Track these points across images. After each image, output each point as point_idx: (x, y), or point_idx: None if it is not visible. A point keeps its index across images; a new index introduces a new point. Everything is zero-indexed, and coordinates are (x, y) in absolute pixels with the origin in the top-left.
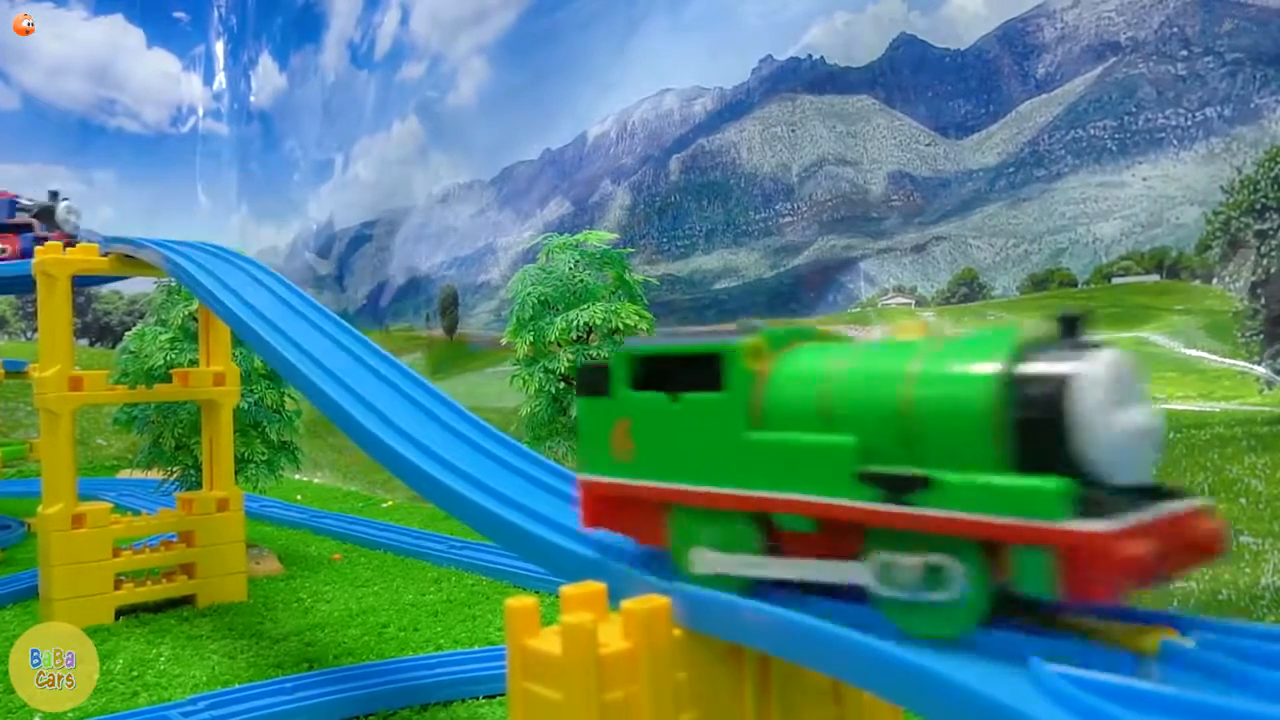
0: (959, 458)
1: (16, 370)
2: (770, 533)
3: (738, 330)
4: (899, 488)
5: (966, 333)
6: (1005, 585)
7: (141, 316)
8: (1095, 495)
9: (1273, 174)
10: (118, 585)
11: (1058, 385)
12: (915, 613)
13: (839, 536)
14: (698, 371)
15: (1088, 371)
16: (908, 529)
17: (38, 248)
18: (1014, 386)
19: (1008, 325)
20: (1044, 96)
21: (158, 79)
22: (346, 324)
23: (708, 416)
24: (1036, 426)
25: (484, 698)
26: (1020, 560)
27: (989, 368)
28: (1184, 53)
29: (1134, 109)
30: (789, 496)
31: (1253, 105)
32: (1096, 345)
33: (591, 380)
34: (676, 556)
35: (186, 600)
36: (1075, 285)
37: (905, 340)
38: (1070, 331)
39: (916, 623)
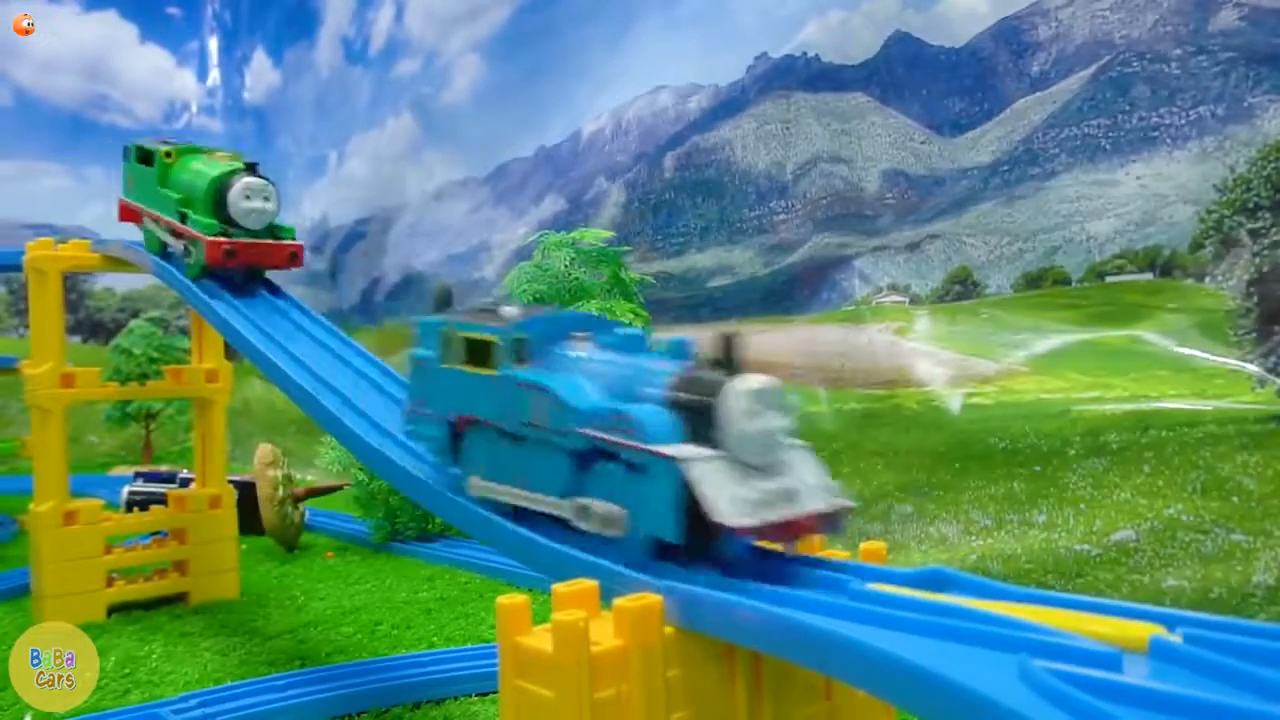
0: (200, 211)
1: (8, 367)
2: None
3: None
4: (184, 218)
5: (233, 167)
6: None
7: (135, 314)
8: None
9: (1265, 173)
10: (109, 582)
11: (228, 185)
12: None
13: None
14: (150, 160)
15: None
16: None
17: (28, 244)
18: (218, 188)
19: (234, 164)
20: (1038, 95)
21: (150, 75)
22: (333, 326)
23: (149, 177)
24: (221, 201)
25: (476, 695)
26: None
27: (210, 175)
28: (1177, 51)
29: (1128, 107)
30: (161, 215)
31: (1245, 104)
32: None
33: (126, 155)
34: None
35: (179, 597)
36: (1069, 283)
37: (219, 162)
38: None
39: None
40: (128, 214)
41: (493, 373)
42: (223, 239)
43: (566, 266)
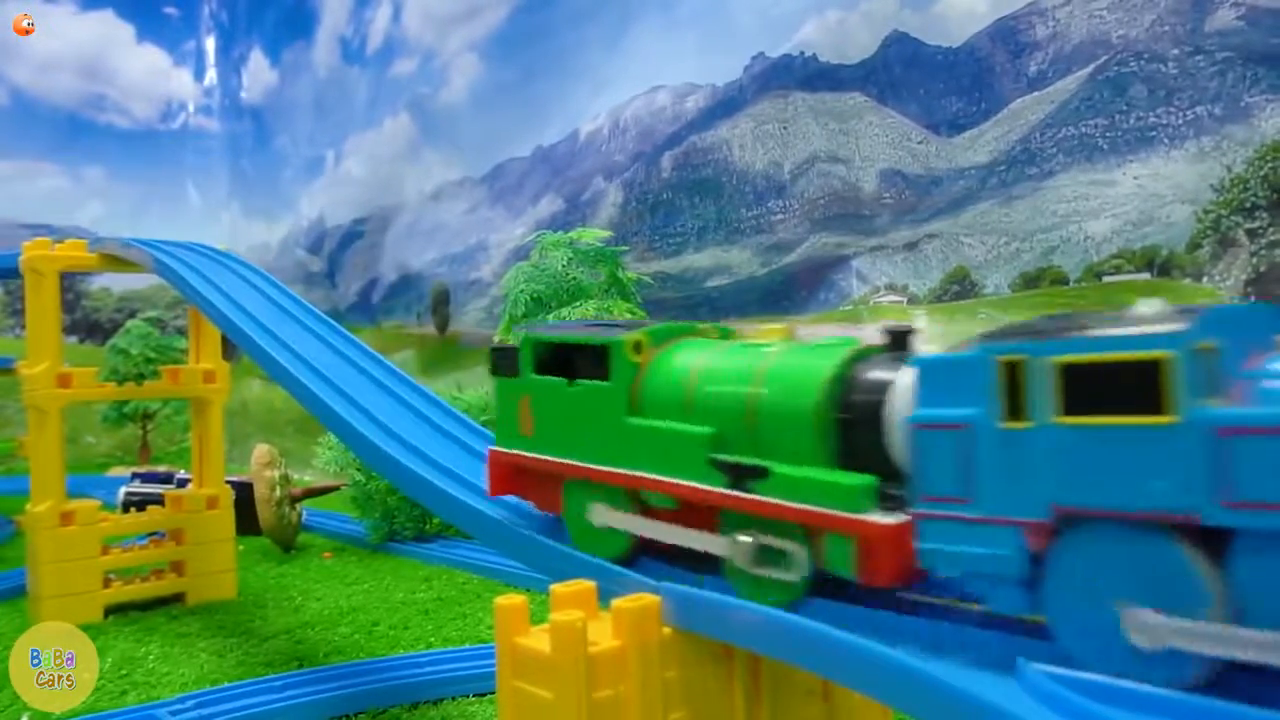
0: (792, 451)
1: (5, 367)
2: (645, 508)
3: (625, 324)
4: (742, 475)
5: (813, 341)
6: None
7: (132, 314)
8: (898, 491)
9: (1262, 172)
10: (107, 583)
11: (876, 391)
12: (753, 583)
13: (696, 514)
14: (591, 360)
15: (903, 380)
16: (749, 512)
17: (25, 244)
18: (839, 391)
19: (845, 337)
20: (1036, 94)
21: (148, 74)
22: (335, 323)
23: (596, 401)
24: (856, 427)
25: (474, 696)
26: (830, 544)
27: (821, 373)
28: (1175, 51)
29: (1125, 107)
30: (656, 477)
31: (1243, 104)
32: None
33: (503, 360)
34: (569, 524)
35: (176, 598)
36: (1066, 283)
37: (760, 343)
38: (898, 344)
39: (751, 591)
40: (509, 482)
41: (1165, 418)
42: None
43: (564, 266)
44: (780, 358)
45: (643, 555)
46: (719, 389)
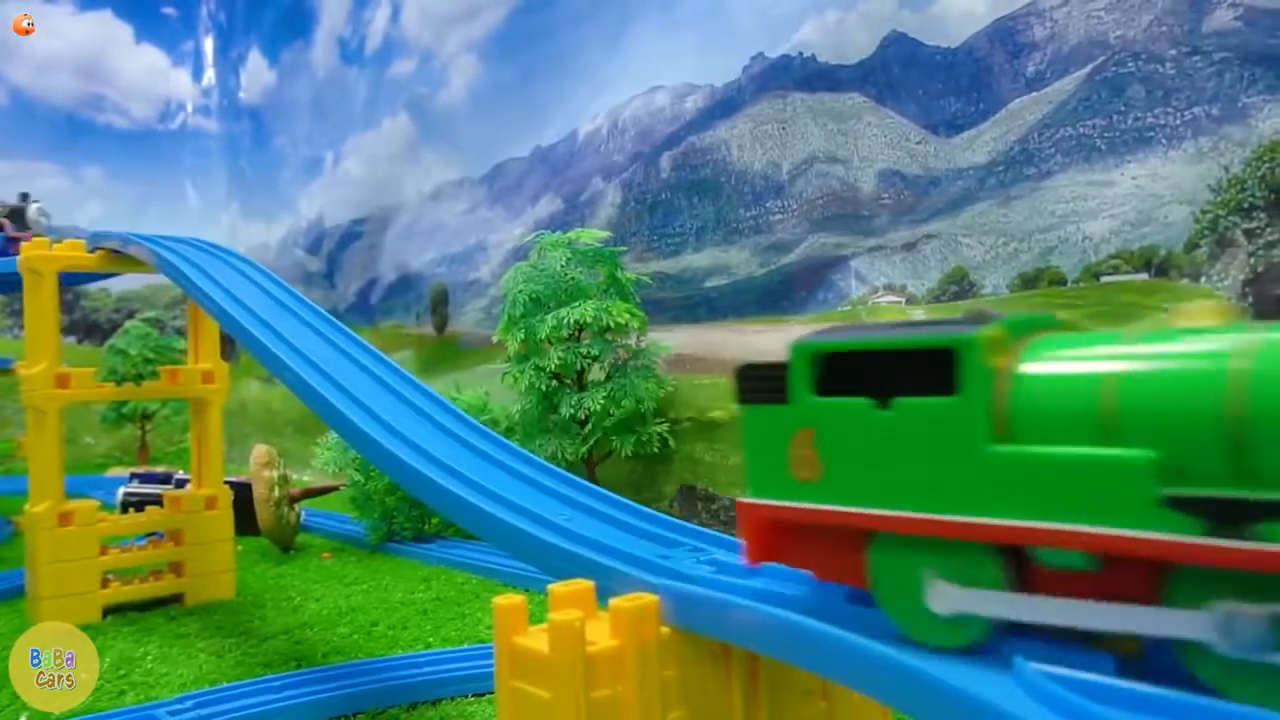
0: None
1: (3, 367)
2: (1021, 570)
3: (967, 319)
4: (1234, 516)
5: None
6: None
7: (130, 315)
8: None
9: (1260, 173)
10: (105, 584)
11: None
12: (1258, 678)
13: (1123, 577)
14: (917, 370)
15: None
16: (1250, 569)
17: (23, 244)
18: None
19: None
20: (1034, 95)
21: (146, 75)
22: (335, 320)
23: (933, 426)
24: None
25: (473, 696)
26: None
27: None
28: (1172, 52)
29: (1123, 108)
30: (1061, 527)
31: (1240, 105)
32: None
33: (760, 383)
34: (883, 596)
35: (174, 599)
36: (1065, 283)
37: (1200, 328)
38: None
39: (1253, 691)
40: (777, 544)
41: None
42: None
43: (563, 266)
44: (1268, 346)
45: (1013, 633)
46: (1167, 397)
